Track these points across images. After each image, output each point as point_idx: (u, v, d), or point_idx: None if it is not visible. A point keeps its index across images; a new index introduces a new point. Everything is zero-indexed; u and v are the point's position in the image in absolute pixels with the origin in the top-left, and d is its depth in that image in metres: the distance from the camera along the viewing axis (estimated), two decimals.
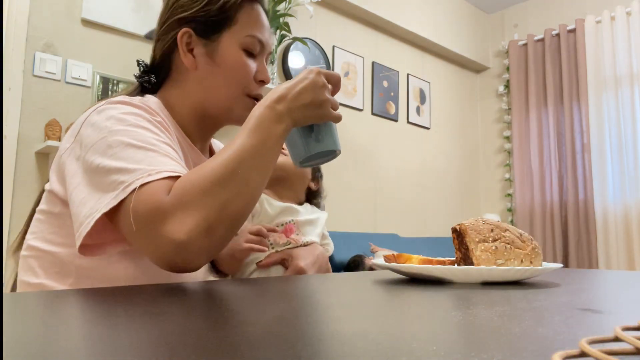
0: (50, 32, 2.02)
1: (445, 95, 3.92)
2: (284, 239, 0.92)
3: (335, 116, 0.69)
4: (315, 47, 2.97)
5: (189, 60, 0.78)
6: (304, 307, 0.39)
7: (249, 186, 0.60)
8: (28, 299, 0.42)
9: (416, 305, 0.40)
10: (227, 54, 0.78)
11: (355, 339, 0.26)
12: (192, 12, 0.78)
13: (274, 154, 0.64)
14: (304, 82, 0.66)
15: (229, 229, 0.59)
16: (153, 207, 0.56)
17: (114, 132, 0.64)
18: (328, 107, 0.67)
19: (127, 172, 0.59)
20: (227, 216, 0.58)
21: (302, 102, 0.65)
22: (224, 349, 0.23)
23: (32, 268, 0.71)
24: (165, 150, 0.64)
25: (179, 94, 0.81)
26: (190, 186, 0.57)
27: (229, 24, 0.78)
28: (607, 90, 3.46)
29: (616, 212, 3.35)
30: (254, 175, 0.61)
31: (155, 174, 0.58)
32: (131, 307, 0.37)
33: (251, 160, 0.61)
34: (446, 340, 0.26)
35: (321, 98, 0.66)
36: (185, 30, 0.78)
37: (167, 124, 0.74)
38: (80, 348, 0.23)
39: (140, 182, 0.57)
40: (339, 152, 0.73)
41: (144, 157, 0.61)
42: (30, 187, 1.92)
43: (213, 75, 0.78)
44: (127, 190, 0.57)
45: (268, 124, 0.64)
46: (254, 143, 0.62)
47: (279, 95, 0.65)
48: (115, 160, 0.61)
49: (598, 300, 0.47)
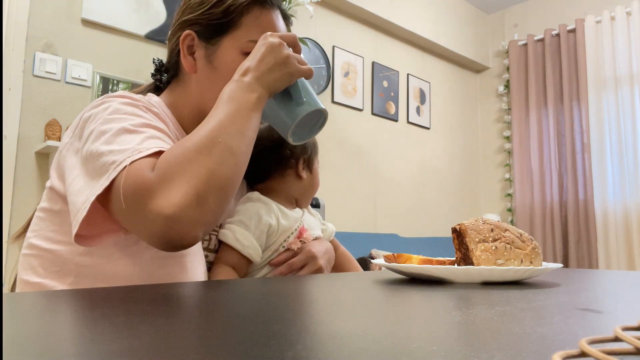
0: (50, 32, 2.02)
1: (445, 95, 3.92)
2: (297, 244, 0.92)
3: (305, 70, 0.70)
4: (315, 47, 2.97)
5: (189, 62, 0.78)
6: (304, 307, 0.39)
7: (233, 153, 0.61)
8: (28, 299, 0.42)
9: (416, 305, 0.40)
10: (225, 58, 0.77)
11: (355, 339, 0.26)
12: (196, 15, 0.77)
13: (252, 121, 0.65)
14: (261, 49, 0.68)
15: (219, 197, 0.58)
16: (139, 183, 0.55)
17: (108, 120, 0.64)
18: (294, 63, 0.68)
19: (118, 153, 0.59)
20: (215, 184, 0.57)
21: (266, 67, 0.67)
22: (224, 349, 0.23)
23: (32, 267, 0.71)
24: (156, 134, 0.65)
25: (182, 94, 0.81)
26: (173, 158, 0.57)
27: (231, 28, 0.77)
28: (607, 90, 3.46)
29: (616, 212, 3.35)
30: (236, 142, 0.62)
31: (145, 150, 0.58)
32: (131, 307, 0.37)
33: (231, 127, 0.62)
34: (446, 340, 0.26)
35: (282, 55, 0.67)
36: (188, 32, 0.78)
37: (165, 119, 0.74)
38: (80, 348, 0.23)
39: (130, 159, 0.57)
40: (325, 113, 0.72)
41: (135, 138, 0.61)
42: (30, 187, 1.92)
43: (210, 79, 0.77)
44: (117, 169, 0.57)
45: (240, 94, 0.65)
46: (230, 111, 0.63)
47: (244, 69, 0.67)
48: (108, 144, 0.61)
49: (598, 300, 0.47)
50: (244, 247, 0.86)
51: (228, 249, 0.87)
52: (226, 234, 0.86)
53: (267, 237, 0.90)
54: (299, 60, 0.70)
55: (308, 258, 0.89)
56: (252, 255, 0.87)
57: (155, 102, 0.77)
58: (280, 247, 0.91)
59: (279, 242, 0.91)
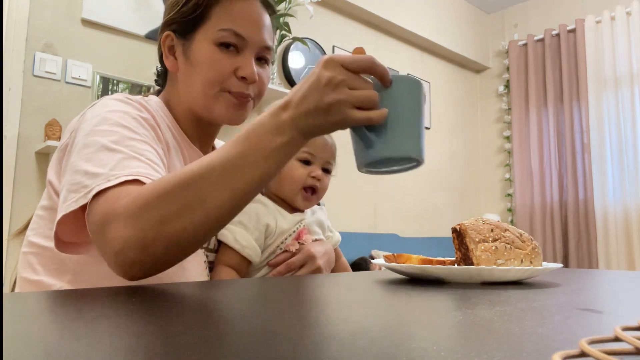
0: (50, 32, 2.02)
1: (445, 95, 3.92)
2: (296, 245, 0.92)
3: (362, 118, 0.52)
4: (315, 47, 2.97)
5: (170, 62, 0.80)
6: (304, 307, 0.39)
7: (204, 205, 0.52)
8: (28, 299, 0.42)
9: (416, 305, 0.40)
10: (199, 51, 0.76)
11: (355, 339, 0.26)
12: (171, 15, 0.79)
13: (258, 169, 0.53)
14: (309, 79, 0.53)
15: (169, 247, 0.53)
16: (103, 213, 0.55)
17: (94, 132, 0.65)
18: (344, 110, 0.52)
19: (91, 177, 0.59)
20: (165, 233, 0.52)
21: (305, 108, 0.52)
22: (224, 349, 0.23)
23: (32, 265, 0.72)
24: (138, 151, 0.63)
25: (173, 94, 0.82)
26: (143, 192, 0.54)
27: (203, 21, 0.76)
28: (607, 90, 3.46)
29: (616, 212, 3.35)
30: (218, 193, 0.52)
31: (114, 179, 0.57)
32: (131, 307, 0.37)
33: (219, 175, 0.53)
34: (446, 340, 0.26)
35: (326, 100, 0.51)
36: (167, 33, 0.79)
37: (157, 121, 0.74)
38: (80, 348, 0.23)
39: (98, 188, 0.57)
40: (415, 159, 0.55)
41: (110, 160, 0.60)
42: (30, 187, 1.92)
43: (189, 75, 0.78)
44: (87, 197, 0.57)
45: (262, 133, 0.54)
46: (232, 154, 0.54)
47: (286, 100, 0.54)
48: (86, 161, 0.61)
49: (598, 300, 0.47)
50: (243, 247, 0.86)
51: (227, 249, 0.87)
52: (225, 235, 0.87)
53: (265, 238, 0.90)
54: (358, 102, 0.52)
55: (307, 258, 0.89)
56: (251, 255, 0.87)
57: (154, 103, 0.78)
58: (278, 249, 0.91)
59: (277, 243, 0.91)
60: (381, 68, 0.53)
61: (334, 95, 0.51)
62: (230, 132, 2.50)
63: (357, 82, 0.52)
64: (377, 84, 0.54)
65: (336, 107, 0.52)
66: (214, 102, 0.77)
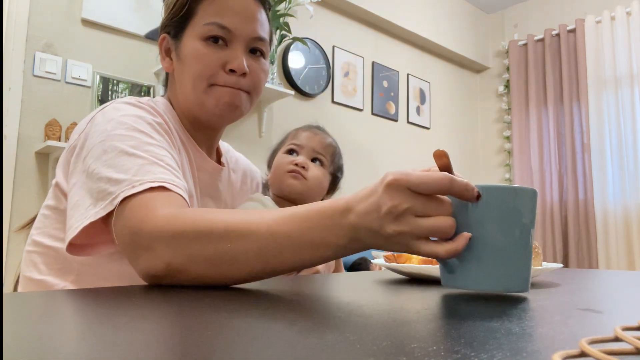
0: (50, 32, 2.02)
1: (445, 95, 3.92)
2: None
3: (427, 252, 0.44)
4: (315, 47, 2.97)
5: (166, 63, 0.81)
6: (304, 307, 0.39)
7: (235, 263, 0.50)
8: (28, 299, 0.42)
9: (416, 305, 0.40)
10: (187, 47, 0.76)
11: (355, 338, 0.26)
12: (166, 18, 0.81)
13: (299, 256, 0.48)
14: (370, 197, 0.45)
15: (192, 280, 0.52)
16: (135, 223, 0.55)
17: (111, 137, 0.65)
18: (407, 242, 0.44)
19: (115, 183, 0.59)
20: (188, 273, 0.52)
21: (367, 224, 0.45)
22: (224, 349, 0.23)
23: (35, 264, 0.72)
24: (157, 156, 0.64)
25: (172, 96, 0.83)
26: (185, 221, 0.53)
27: (189, 18, 0.77)
28: (607, 90, 3.46)
29: (616, 212, 3.35)
30: (251, 260, 0.49)
31: (138, 185, 0.58)
32: (131, 307, 0.37)
33: (260, 245, 0.49)
34: (446, 340, 0.26)
35: (387, 230, 0.43)
36: (163, 36, 0.81)
37: (169, 125, 0.75)
38: (80, 348, 0.23)
39: (123, 195, 0.57)
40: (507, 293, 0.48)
41: (132, 166, 0.61)
42: (30, 187, 1.92)
43: (181, 73, 0.78)
44: (113, 203, 0.58)
45: (322, 228, 0.47)
46: (282, 230, 0.48)
47: (348, 203, 0.47)
48: (107, 167, 0.61)
49: (598, 300, 0.47)
50: None
51: None
52: None
53: None
54: (429, 232, 0.43)
55: None
56: None
57: (162, 104, 0.79)
58: None
59: None
60: (459, 188, 0.43)
61: (395, 227, 0.43)
62: (234, 132, 2.50)
63: (427, 209, 0.43)
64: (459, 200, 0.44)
65: (398, 239, 0.44)
66: (205, 98, 0.76)
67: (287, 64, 2.82)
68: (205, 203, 0.83)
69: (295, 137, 1.01)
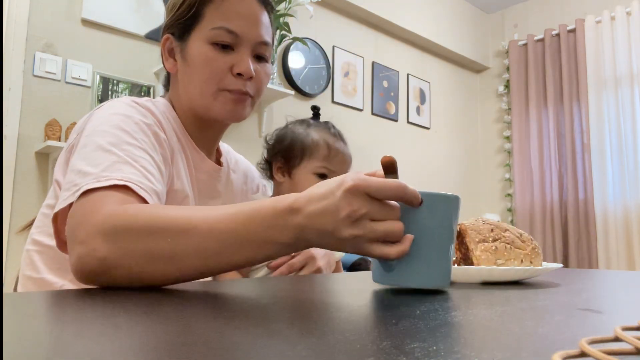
0: (50, 32, 2.02)
1: (445, 95, 3.92)
2: None
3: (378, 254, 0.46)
4: (315, 47, 2.97)
5: (170, 64, 0.81)
6: (304, 307, 0.39)
7: (178, 261, 0.49)
8: (28, 299, 0.42)
9: (416, 305, 0.40)
10: (193, 50, 0.77)
11: (355, 338, 0.26)
12: (169, 18, 0.80)
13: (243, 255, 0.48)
14: (325, 199, 0.45)
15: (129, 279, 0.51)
16: (82, 215, 0.54)
17: (94, 132, 0.65)
18: (361, 245, 0.45)
19: (82, 175, 0.59)
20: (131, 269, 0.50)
21: (318, 227, 0.45)
22: (224, 349, 0.23)
23: (34, 263, 0.72)
24: (133, 156, 0.62)
25: (174, 97, 0.83)
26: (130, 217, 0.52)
27: (197, 21, 0.77)
28: (607, 90, 3.46)
29: (616, 212, 3.35)
30: (194, 258, 0.48)
31: (104, 180, 0.57)
32: (131, 307, 0.37)
33: (204, 242, 0.48)
34: (446, 340, 0.26)
35: (343, 234, 0.44)
36: (166, 37, 0.81)
37: (162, 126, 0.74)
38: (81, 348, 0.23)
39: (85, 187, 0.56)
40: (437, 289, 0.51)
41: (104, 161, 0.60)
42: (30, 187, 1.92)
43: (187, 75, 0.79)
44: (76, 195, 0.57)
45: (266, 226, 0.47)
46: (227, 228, 0.48)
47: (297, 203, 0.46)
48: (81, 160, 0.62)
49: (598, 300, 0.47)
50: None
51: None
52: None
53: None
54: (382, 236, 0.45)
55: (307, 259, 0.90)
56: None
57: (162, 105, 0.79)
58: None
59: None
60: (410, 195, 0.46)
61: (352, 231, 0.45)
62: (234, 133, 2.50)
63: (381, 213, 0.45)
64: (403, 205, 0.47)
65: (353, 242, 0.45)
66: (213, 101, 0.77)
67: (287, 64, 2.82)
68: (205, 203, 0.83)
69: (328, 160, 0.96)
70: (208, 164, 0.84)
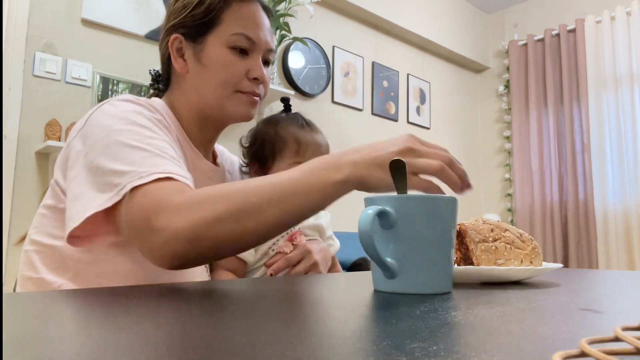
0: (50, 32, 2.02)
1: (445, 95, 3.92)
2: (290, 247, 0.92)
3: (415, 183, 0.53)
4: (315, 47, 2.97)
5: (180, 64, 0.81)
6: (303, 307, 0.39)
7: (256, 216, 0.55)
8: (28, 299, 0.42)
9: (416, 305, 0.40)
10: (213, 54, 0.79)
11: (355, 339, 0.26)
12: (181, 19, 0.81)
13: (309, 198, 0.56)
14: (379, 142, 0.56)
15: (214, 248, 0.56)
16: (149, 206, 0.57)
17: (114, 132, 0.66)
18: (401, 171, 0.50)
19: (121, 175, 0.61)
20: (215, 233, 0.55)
21: (366, 157, 0.55)
22: (224, 349, 0.23)
23: (33, 263, 0.72)
24: (160, 149, 0.65)
25: (179, 96, 0.83)
26: (199, 191, 0.58)
27: (214, 25, 0.79)
28: (607, 90, 3.46)
29: (616, 212, 3.35)
30: (270, 209, 0.55)
31: (146, 176, 0.59)
32: (131, 307, 0.37)
33: (275, 193, 0.56)
34: (446, 340, 0.26)
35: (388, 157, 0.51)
36: (176, 36, 0.81)
37: (167, 123, 0.76)
38: (80, 348, 0.23)
39: (131, 185, 0.59)
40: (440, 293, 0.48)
41: (137, 159, 0.62)
42: (30, 187, 1.92)
43: (202, 77, 0.80)
44: (120, 194, 0.60)
45: (322, 168, 0.57)
46: (291, 178, 0.57)
47: (352, 148, 0.58)
48: (112, 160, 0.63)
49: (598, 300, 0.47)
50: None
51: None
52: None
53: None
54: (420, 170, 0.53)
55: (304, 253, 0.91)
56: (245, 255, 0.89)
57: (158, 105, 0.79)
58: (270, 250, 0.92)
59: (268, 244, 0.92)
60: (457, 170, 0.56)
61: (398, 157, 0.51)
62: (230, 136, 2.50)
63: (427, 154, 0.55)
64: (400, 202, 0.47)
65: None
66: (228, 102, 0.81)
67: (287, 64, 2.82)
68: None
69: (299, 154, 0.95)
70: (205, 163, 0.85)
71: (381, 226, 0.47)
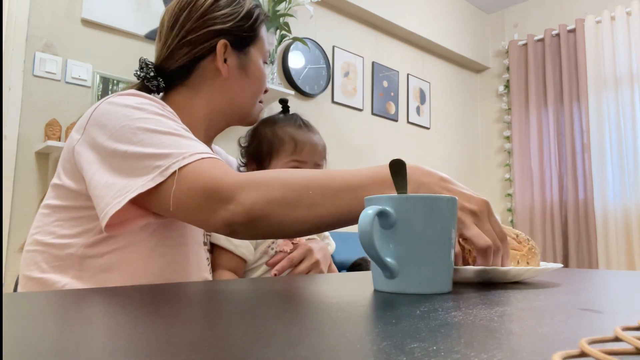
0: (50, 32, 2.02)
1: (445, 95, 3.92)
2: (290, 245, 0.93)
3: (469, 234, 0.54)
4: (315, 47, 2.97)
5: (224, 69, 0.84)
6: (304, 307, 0.39)
7: (315, 208, 0.58)
8: (28, 299, 0.42)
9: (416, 305, 0.40)
10: (256, 66, 0.87)
11: (355, 339, 0.26)
12: (228, 26, 0.83)
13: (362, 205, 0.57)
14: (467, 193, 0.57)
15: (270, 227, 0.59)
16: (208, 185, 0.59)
17: (135, 120, 0.66)
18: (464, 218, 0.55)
19: (161, 157, 0.62)
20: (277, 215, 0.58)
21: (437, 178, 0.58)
22: (224, 349, 0.23)
23: (35, 262, 0.72)
24: (185, 134, 0.67)
25: (193, 97, 0.83)
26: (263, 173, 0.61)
27: (255, 39, 0.87)
28: (607, 90, 3.46)
29: (616, 212, 3.35)
30: (330, 204, 0.58)
31: (189, 156, 0.61)
32: (131, 307, 0.37)
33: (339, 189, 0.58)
34: (446, 340, 0.26)
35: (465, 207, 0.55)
36: (224, 41, 0.83)
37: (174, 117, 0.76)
38: (81, 348, 0.23)
39: (178, 165, 0.61)
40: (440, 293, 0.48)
41: (171, 142, 0.64)
42: (30, 187, 1.92)
43: (241, 85, 0.85)
44: (165, 174, 0.61)
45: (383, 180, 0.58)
46: (357, 178, 0.59)
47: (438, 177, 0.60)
48: (144, 146, 0.63)
49: (598, 300, 0.47)
50: (236, 247, 0.87)
51: (222, 252, 0.88)
52: (217, 237, 0.88)
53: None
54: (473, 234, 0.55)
55: (306, 252, 0.91)
56: (245, 254, 0.88)
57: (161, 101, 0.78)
58: (269, 249, 0.92)
59: (267, 242, 0.92)
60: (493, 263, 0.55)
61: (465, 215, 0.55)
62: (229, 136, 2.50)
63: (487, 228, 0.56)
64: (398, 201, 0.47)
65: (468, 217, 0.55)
66: (253, 109, 0.89)
67: (287, 64, 2.82)
68: None
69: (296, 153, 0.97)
70: None
71: (381, 226, 0.47)
